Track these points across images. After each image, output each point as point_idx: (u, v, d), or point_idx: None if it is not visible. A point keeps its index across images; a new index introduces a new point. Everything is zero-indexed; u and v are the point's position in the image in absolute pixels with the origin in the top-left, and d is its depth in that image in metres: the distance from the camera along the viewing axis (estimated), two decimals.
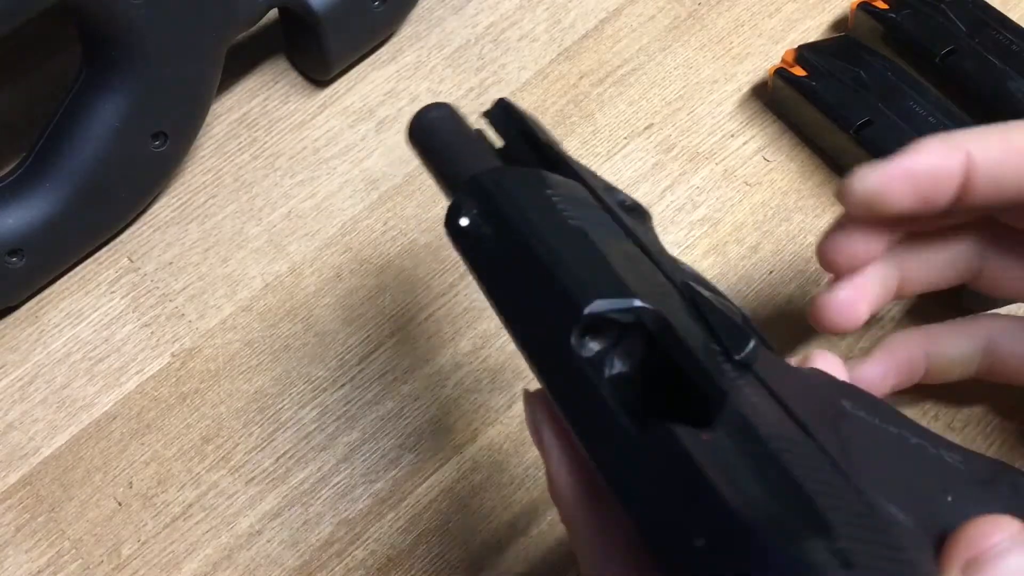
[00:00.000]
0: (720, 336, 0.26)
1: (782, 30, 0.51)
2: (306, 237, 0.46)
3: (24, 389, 0.43)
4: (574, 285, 0.26)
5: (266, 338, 0.44)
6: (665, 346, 0.26)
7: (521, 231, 0.27)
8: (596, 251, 0.27)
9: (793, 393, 0.27)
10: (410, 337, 0.44)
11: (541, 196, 0.29)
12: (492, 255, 0.28)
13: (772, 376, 0.27)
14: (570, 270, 0.26)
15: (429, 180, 0.47)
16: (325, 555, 0.40)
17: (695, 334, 0.26)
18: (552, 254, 0.27)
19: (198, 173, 0.48)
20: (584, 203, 0.30)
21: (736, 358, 0.26)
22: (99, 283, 0.45)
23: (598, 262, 0.27)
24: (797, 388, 0.27)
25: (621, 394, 0.25)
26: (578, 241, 0.27)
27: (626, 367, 0.26)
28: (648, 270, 0.28)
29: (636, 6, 0.52)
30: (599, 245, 0.27)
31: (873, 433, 0.28)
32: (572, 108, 0.49)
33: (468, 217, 0.28)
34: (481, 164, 0.30)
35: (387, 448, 0.41)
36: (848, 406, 0.29)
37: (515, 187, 0.29)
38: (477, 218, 0.28)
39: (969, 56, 0.45)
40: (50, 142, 0.42)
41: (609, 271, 0.26)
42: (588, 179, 0.31)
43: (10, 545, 0.40)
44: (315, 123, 0.49)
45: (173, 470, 0.41)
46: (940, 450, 0.30)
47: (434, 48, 0.51)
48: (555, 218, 0.28)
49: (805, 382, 0.29)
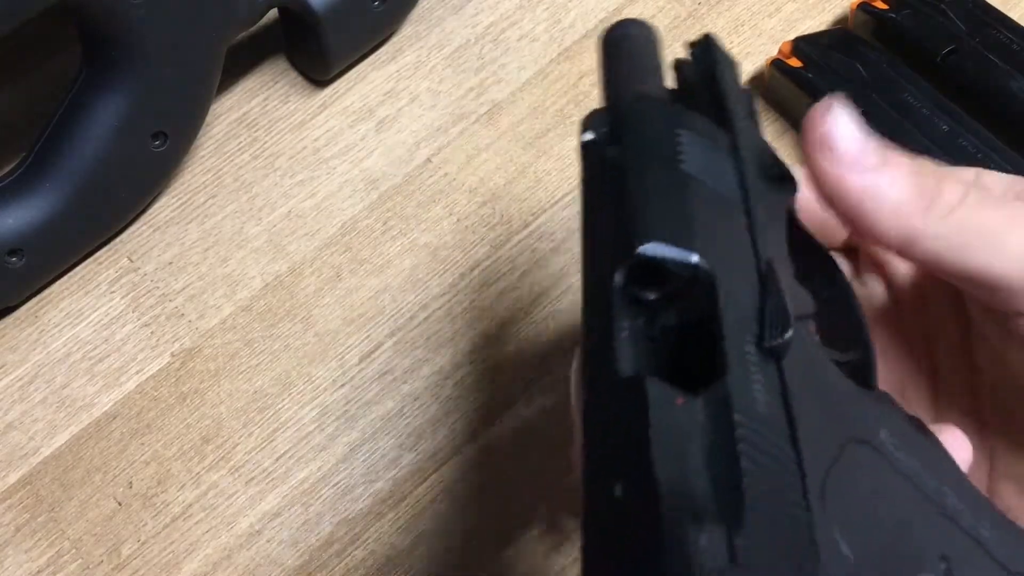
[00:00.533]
0: (763, 321, 0.26)
1: (782, 30, 0.51)
2: (306, 237, 0.46)
3: (24, 389, 0.43)
4: (642, 223, 0.26)
5: (266, 338, 0.44)
6: (702, 309, 0.26)
7: (626, 160, 0.28)
8: (687, 200, 0.27)
9: (818, 399, 0.26)
10: (410, 337, 0.44)
11: (667, 135, 0.29)
12: (597, 175, 0.29)
13: (804, 374, 0.26)
14: (647, 208, 0.26)
15: (429, 180, 0.47)
16: (325, 555, 0.40)
17: (738, 310, 0.26)
18: (640, 189, 0.27)
19: (198, 173, 0.48)
20: (713, 156, 0.29)
21: (765, 345, 0.26)
22: (99, 283, 0.45)
23: (680, 210, 0.27)
24: (831, 396, 0.27)
25: (638, 343, 0.26)
26: (674, 186, 0.27)
27: (668, 323, 0.27)
28: (735, 235, 0.28)
29: (636, 6, 0.52)
30: (693, 196, 0.27)
31: (883, 473, 0.27)
32: (572, 108, 0.49)
33: (594, 133, 0.29)
34: (638, 91, 0.31)
35: (387, 448, 0.41)
36: (884, 436, 0.28)
37: (645, 119, 0.29)
38: (600, 136, 0.29)
39: (970, 56, 0.45)
40: (50, 142, 0.42)
41: (685, 222, 0.26)
42: (743, 137, 0.31)
43: (10, 545, 0.40)
44: (315, 123, 0.49)
45: (173, 470, 0.41)
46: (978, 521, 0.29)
47: (434, 48, 0.51)
48: (667, 159, 0.28)
49: (845, 395, 0.28)
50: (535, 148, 0.48)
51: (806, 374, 0.27)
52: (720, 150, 0.30)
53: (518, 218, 0.46)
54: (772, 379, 0.25)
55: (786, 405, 0.25)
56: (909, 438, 0.29)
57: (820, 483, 0.24)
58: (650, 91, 0.31)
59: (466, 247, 0.46)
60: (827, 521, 0.23)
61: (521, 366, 0.43)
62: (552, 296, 0.44)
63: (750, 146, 0.31)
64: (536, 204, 0.47)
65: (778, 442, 0.24)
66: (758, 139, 0.32)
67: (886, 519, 0.26)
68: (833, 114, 0.30)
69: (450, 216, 0.46)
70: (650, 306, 0.27)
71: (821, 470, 0.24)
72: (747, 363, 0.25)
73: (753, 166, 0.30)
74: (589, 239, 0.29)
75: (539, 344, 0.44)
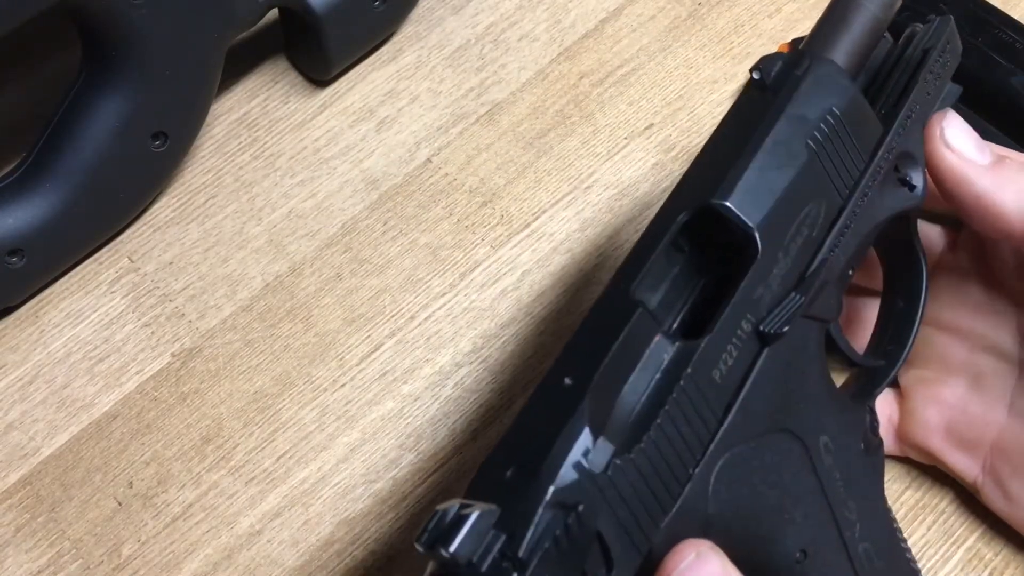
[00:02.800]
0: (771, 309, 0.28)
1: (782, 30, 0.51)
2: (306, 237, 0.46)
3: (24, 389, 0.43)
4: (733, 179, 0.28)
5: (266, 338, 0.44)
6: (730, 276, 0.28)
7: (765, 112, 0.29)
8: (783, 174, 0.29)
9: (781, 389, 0.29)
10: (410, 337, 0.44)
11: (817, 109, 0.30)
12: (741, 111, 0.31)
13: (786, 365, 0.29)
14: (745, 168, 0.28)
15: (430, 180, 0.47)
16: (325, 555, 0.40)
17: (761, 291, 0.28)
18: (755, 146, 0.29)
19: (198, 173, 0.48)
20: (846, 148, 0.31)
21: (760, 328, 0.28)
22: (99, 283, 0.45)
23: (770, 187, 0.28)
24: (796, 394, 0.29)
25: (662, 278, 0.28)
26: (788, 157, 0.29)
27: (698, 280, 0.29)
28: (810, 226, 0.29)
29: (636, 6, 0.52)
30: (793, 177, 0.29)
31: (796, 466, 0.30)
32: (572, 108, 0.49)
33: (760, 73, 0.31)
34: (838, 55, 0.32)
35: (387, 448, 0.41)
36: (822, 441, 0.30)
37: (815, 84, 0.30)
38: (763, 77, 0.30)
39: (973, 55, 0.45)
40: (50, 142, 0.42)
41: (767, 195, 0.28)
42: (894, 135, 0.32)
43: (10, 545, 0.40)
44: (315, 123, 0.49)
45: (173, 470, 0.41)
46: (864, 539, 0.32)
47: (434, 48, 0.51)
48: (801, 129, 0.29)
49: (812, 398, 0.30)
50: (535, 148, 0.48)
51: (788, 366, 0.29)
52: (857, 144, 0.31)
53: (518, 218, 0.46)
54: (748, 357, 0.28)
55: (741, 382, 0.28)
56: (848, 452, 0.31)
57: (723, 452, 0.27)
58: (840, 56, 0.32)
59: (466, 247, 0.46)
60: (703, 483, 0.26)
61: (521, 366, 0.43)
62: (552, 296, 0.44)
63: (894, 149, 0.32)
64: (536, 204, 0.47)
65: (710, 407, 0.27)
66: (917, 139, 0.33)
67: (770, 498, 0.29)
68: (950, 118, 0.32)
69: (450, 216, 0.46)
70: (694, 260, 0.29)
71: (735, 442, 0.27)
72: (734, 335, 0.27)
73: (886, 166, 0.32)
74: (693, 167, 0.31)
75: (539, 344, 0.44)
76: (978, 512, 0.39)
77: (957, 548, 0.39)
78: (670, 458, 0.26)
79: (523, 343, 0.44)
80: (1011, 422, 0.36)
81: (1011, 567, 0.38)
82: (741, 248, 0.28)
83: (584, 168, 0.47)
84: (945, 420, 0.37)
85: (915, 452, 0.38)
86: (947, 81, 0.34)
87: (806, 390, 0.30)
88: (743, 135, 0.29)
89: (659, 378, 0.26)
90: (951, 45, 0.35)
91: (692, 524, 0.26)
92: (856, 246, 0.31)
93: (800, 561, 0.30)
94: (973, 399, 0.37)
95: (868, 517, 0.32)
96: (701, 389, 0.27)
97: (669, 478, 0.26)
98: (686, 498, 0.26)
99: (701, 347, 0.27)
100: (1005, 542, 0.39)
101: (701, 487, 0.26)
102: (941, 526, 0.39)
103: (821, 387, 0.31)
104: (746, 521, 0.28)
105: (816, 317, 0.30)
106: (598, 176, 0.47)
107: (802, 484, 0.30)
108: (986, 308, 0.37)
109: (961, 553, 0.39)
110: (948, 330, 0.38)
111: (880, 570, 0.32)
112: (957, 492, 0.40)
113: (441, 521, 0.24)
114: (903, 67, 0.34)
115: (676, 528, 0.26)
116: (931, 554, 0.39)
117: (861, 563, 0.31)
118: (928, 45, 0.34)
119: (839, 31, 0.32)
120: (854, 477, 0.31)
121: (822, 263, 0.29)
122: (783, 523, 0.29)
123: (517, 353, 0.43)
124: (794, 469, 0.29)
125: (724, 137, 0.31)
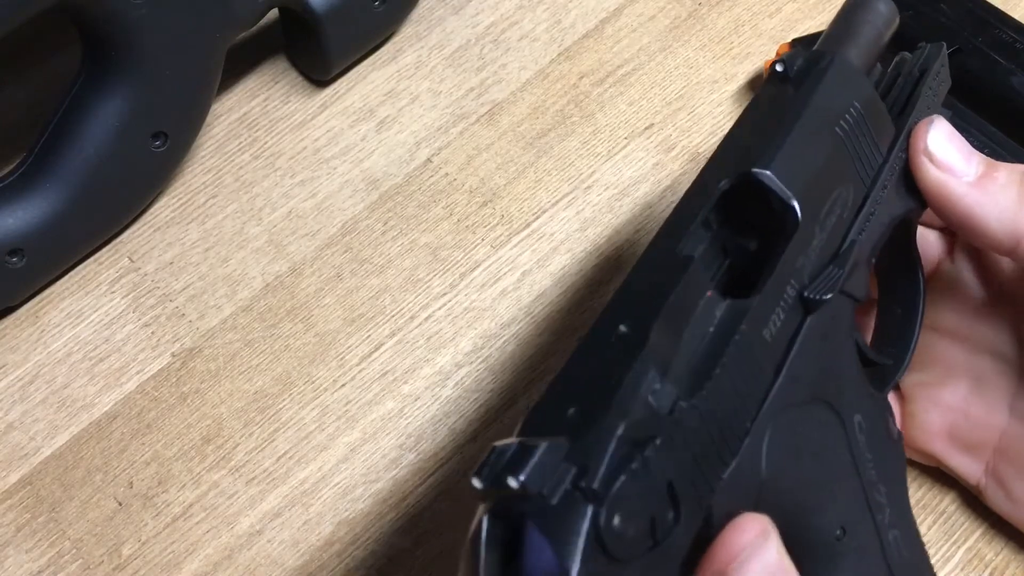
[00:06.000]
0: (815, 277, 0.29)
1: (782, 30, 0.51)
2: (306, 237, 0.46)
3: (24, 389, 0.43)
4: (771, 151, 0.29)
5: (266, 338, 0.44)
6: (774, 244, 0.29)
7: (792, 101, 0.30)
8: (817, 154, 0.30)
9: (820, 361, 0.29)
10: (410, 337, 0.44)
11: (840, 101, 0.31)
12: (765, 99, 0.32)
13: (822, 337, 0.29)
14: (785, 143, 0.29)
15: (430, 180, 0.47)
16: (325, 555, 0.40)
17: (802, 260, 0.29)
18: (790, 126, 0.29)
19: (198, 173, 0.48)
20: (866, 140, 0.32)
21: (805, 294, 0.29)
22: (99, 283, 0.45)
23: (805, 159, 0.29)
24: (833, 367, 0.30)
25: (708, 241, 0.29)
26: (820, 137, 0.30)
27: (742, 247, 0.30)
28: (843, 204, 0.30)
29: (636, 6, 0.52)
30: (826, 157, 0.30)
31: (835, 441, 0.30)
32: (572, 108, 0.49)
33: (783, 65, 0.32)
34: (850, 52, 0.33)
35: (387, 448, 0.41)
36: (857, 420, 0.30)
37: (837, 77, 0.31)
38: (786, 69, 0.31)
39: (974, 55, 0.45)
40: (50, 142, 0.42)
41: (804, 170, 0.29)
42: (904, 136, 0.33)
43: (10, 545, 0.40)
44: (315, 123, 0.49)
45: (173, 470, 0.41)
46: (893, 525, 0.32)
47: (434, 48, 0.51)
48: (827, 119, 0.31)
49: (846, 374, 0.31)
50: (535, 148, 0.48)
51: (824, 338, 0.29)
52: (876, 139, 0.32)
53: (518, 218, 0.46)
54: (792, 323, 0.28)
55: (789, 344, 0.28)
56: (877, 435, 0.31)
57: (775, 414, 0.27)
58: (854, 58, 0.33)
59: (466, 247, 0.46)
60: (757, 442, 0.27)
61: (521, 366, 0.43)
62: (552, 296, 0.44)
63: (906, 149, 0.33)
64: (536, 204, 0.47)
65: (762, 365, 0.27)
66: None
67: (814, 469, 0.29)
68: (935, 127, 0.32)
69: (450, 216, 0.46)
70: (736, 227, 0.30)
71: (784, 404, 0.27)
72: (780, 299, 0.28)
73: (900, 165, 0.33)
74: (727, 141, 0.31)
75: (539, 344, 0.44)
76: (978, 512, 0.39)
77: (957, 548, 0.39)
78: (729, 410, 0.26)
79: (523, 343, 0.44)
80: (1013, 424, 0.36)
81: (1012, 567, 0.38)
82: (779, 221, 0.29)
83: (584, 168, 0.47)
84: (947, 423, 0.37)
85: (918, 455, 0.38)
86: (939, 107, 0.35)
87: (841, 366, 0.30)
88: (774, 117, 0.30)
89: (712, 332, 0.27)
90: (944, 70, 0.36)
91: (747, 487, 0.26)
92: (878, 235, 0.32)
93: (840, 539, 0.30)
94: (975, 402, 0.37)
95: (896, 503, 0.32)
96: (754, 346, 0.27)
97: (728, 430, 0.26)
98: (743, 455, 0.26)
99: (754, 304, 0.27)
100: (1005, 542, 0.39)
101: (756, 445, 0.26)
102: (941, 526, 0.39)
103: (854, 366, 0.31)
104: (794, 490, 0.28)
105: (850, 294, 0.31)
106: (598, 176, 0.47)
107: (840, 459, 0.30)
108: (986, 311, 0.37)
109: (962, 553, 0.39)
110: (948, 334, 0.37)
111: (908, 562, 0.32)
112: (957, 492, 0.40)
113: (502, 455, 0.22)
114: (903, 83, 0.35)
115: (734, 488, 0.26)
116: (931, 554, 0.39)
117: (891, 551, 0.31)
118: (924, 66, 0.35)
119: (852, 34, 0.33)
120: (884, 461, 0.31)
121: (852, 243, 0.30)
122: (826, 497, 0.29)
123: (517, 353, 0.43)
124: (833, 443, 0.29)
125: (752, 121, 0.31)
